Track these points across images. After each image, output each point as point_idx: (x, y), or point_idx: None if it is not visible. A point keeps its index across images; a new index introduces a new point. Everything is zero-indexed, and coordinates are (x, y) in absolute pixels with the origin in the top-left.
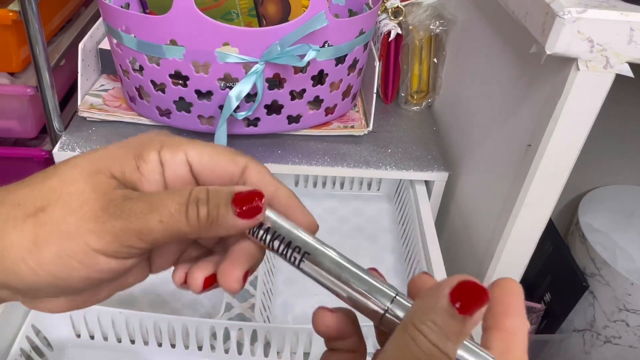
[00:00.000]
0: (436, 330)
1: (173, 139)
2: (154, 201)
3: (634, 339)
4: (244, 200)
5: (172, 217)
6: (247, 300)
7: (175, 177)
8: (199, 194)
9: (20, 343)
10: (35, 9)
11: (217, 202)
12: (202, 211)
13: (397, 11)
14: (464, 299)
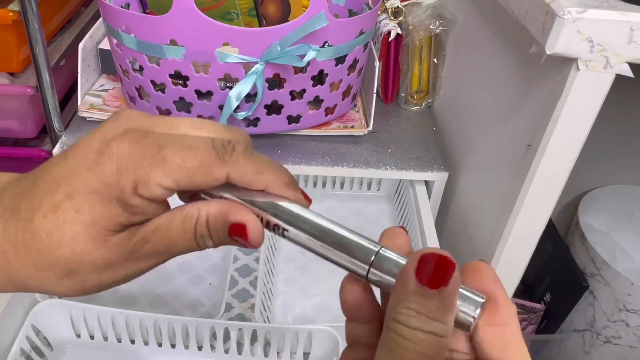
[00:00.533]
0: (413, 315)
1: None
2: (171, 239)
3: (634, 339)
4: (238, 234)
5: (188, 249)
6: (247, 300)
7: (165, 199)
8: (203, 230)
9: (20, 343)
10: (35, 9)
11: (218, 235)
12: (208, 242)
13: (397, 11)
14: (431, 273)
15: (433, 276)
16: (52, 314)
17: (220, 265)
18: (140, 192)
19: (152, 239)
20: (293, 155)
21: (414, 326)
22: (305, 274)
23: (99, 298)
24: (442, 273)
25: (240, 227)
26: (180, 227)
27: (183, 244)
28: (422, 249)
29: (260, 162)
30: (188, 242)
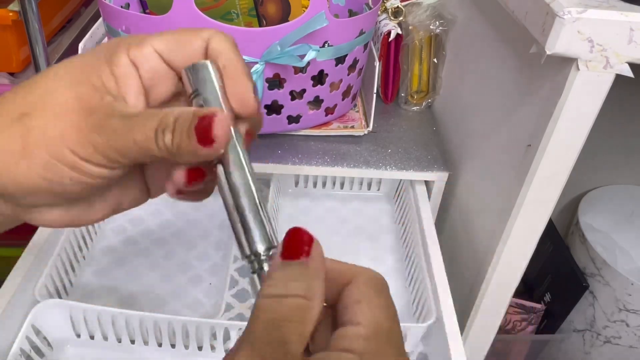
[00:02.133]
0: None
1: (137, 37)
2: (131, 123)
3: (634, 339)
4: (203, 129)
5: (144, 140)
6: (247, 300)
7: (150, 72)
8: (168, 120)
9: (20, 343)
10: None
11: (181, 129)
12: (167, 137)
13: (397, 11)
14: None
15: (292, 248)
16: (52, 314)
17: (220, 265)
18: (132, 52)
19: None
20: (293, 155)
21: (266, 294)
22: None
23: (99, 298)
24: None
25: (210, 118)
26: (148, 114)
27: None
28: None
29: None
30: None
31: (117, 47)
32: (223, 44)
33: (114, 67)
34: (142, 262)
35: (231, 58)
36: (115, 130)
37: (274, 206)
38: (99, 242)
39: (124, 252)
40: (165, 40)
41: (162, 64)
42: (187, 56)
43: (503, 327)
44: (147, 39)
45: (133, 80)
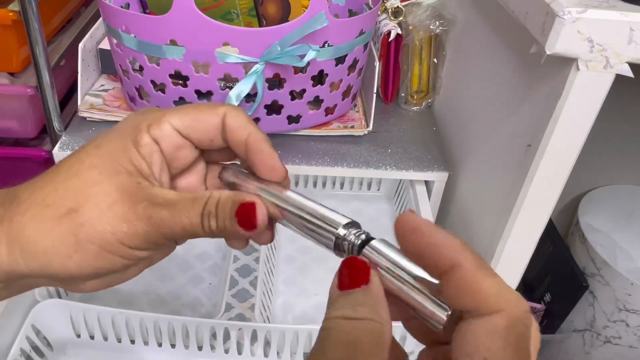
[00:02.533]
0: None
1: (155, 114)
2: (177, 210)
3: (634, 339)
4: (244, 214)
5: (191, 226)
6: (247, 300)
7: (170, 147)
8: (211, 207)
9: (20, 343)
10: (35, 9)
11: (224, 216)
12: (212, 223)
13: (397, 11)
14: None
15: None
16: (52, 314)
17: (220, 265)
18: (152, 130)
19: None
20: (293, 155)
21: (336, 315)
22: (305, 274)
23: (99, 298)
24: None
25: (249, 206)
26: (189, 202)
27: (188, 218)
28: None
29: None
30: (194, 217)
31: (140, 127)
32: (239, 119)
33: (140, 148)
34: None
35: (252, 131)
36: (162, 219)
37: None
38: None
39: None
40: (183, 117)
41: (181, 138)
42: (204, 132)
43: None
44: (165, 116)
45: (157, 156)
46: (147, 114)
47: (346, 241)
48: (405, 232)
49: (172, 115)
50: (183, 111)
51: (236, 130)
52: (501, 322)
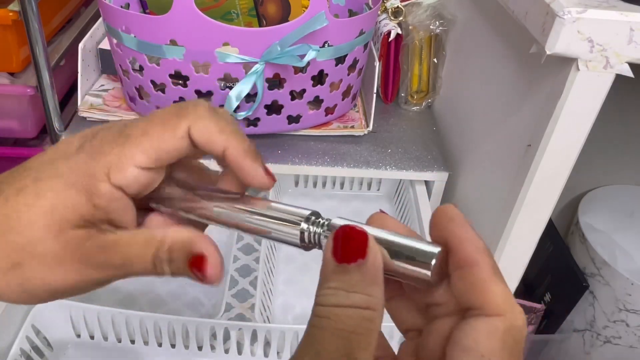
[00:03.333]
0: (332, 293)
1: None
2: (128, 255)
3: (634, 339)
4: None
5: (145, 271)
6: (247, 300)
7: (136, 189)
8: (163, 254)
9: (20, 343)
10: (35, 9)
11: (177, 265)
12: (166, 269)
13: (397, 11)
14: (347, 248)
15: (347, 250)
16: (52, 314)
17: None
18: (114, 178)
19: (110, 249)
20: (293, 155)
21: (331, 303)
22: (305, 274)
23: (99, 298)
24: (358, 245)
25: (200, 259)
26: (141, 246)
27: (140, 263)
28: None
29: (223, 122)
30: (145, 263)
31: (95, 175)
32: (207, 132)
33: (96, 200)
34: None
35: (227, 145)
36: (114, 264)
37: None
38: None
39: None
40: (147, 150)
41: (148, 173)
42: (173, 158)
43: None
44: (125, 155)
45: (118, 204)
46: (101, 152)
47: (309, 232)
48: (443, 219)
49: (134, 150)
50: (144, 141)
51: (208, 146)
52: (502, 325)
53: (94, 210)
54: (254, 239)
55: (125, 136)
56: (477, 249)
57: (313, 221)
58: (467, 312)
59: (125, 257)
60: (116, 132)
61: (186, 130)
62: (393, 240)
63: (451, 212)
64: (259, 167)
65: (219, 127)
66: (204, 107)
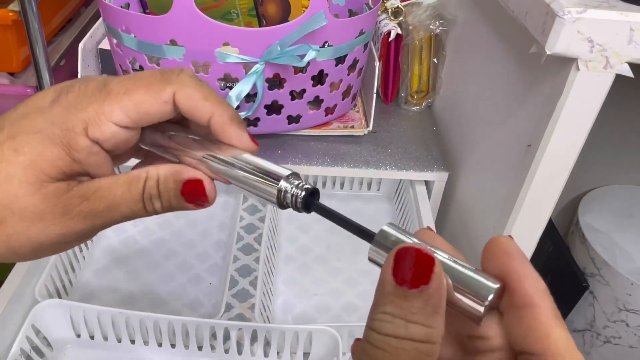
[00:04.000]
0: (389, 320)
1: (90, 109)
2: (113, 199)
3: (634, 339)
4: (190, 192)
5: (133, 212)
6: (247, 300)
7: (114, 145)
8: (152, 190)
9: (20, 343)
10: (35, 9)
11: (168, 196)
12: (157, 204)
13: (397, 11)
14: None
15: (412, 274)
16: (52, 314)
17: (220, 265)
18: (92, 133)
19: (92, 197)
20: (293, 155)
21: (387, 332)
22: (305, 274)
23: (99, 298)
24: (422, 270)
25: (195, 183)
26: (126, 188)
27: (128, 205)
28: (395, 248)
29: (207, 90)
30: (134, 203)
31: (73, 128)
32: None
33: (74, 154)
34: (142, 262)
35: (213, 112)
36: (99, 212)
37: (274, 206)
38: (99, 242)
39: (124, 252)
40: (127, 109)
41: (128, 132)
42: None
43: None
44: (104, 111)
45: (97, 158)
46: (79, 106)
47: (288, 193)
48: (500, 253)
49: (113, 107)
50: (124, 99)
51: (191, 113)
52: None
53: (72, 164)
54: (254, 239)
55: (107, 92)
56: (538, 290)
57: (291, 182)
58: (522, 356)
59: (109, 200)
60: (96, 87)
61: (171, 95)
62: (454, 267)
63: (509, 245)
64: (244, 132)
65: (204, 94)
66: (188, 75)
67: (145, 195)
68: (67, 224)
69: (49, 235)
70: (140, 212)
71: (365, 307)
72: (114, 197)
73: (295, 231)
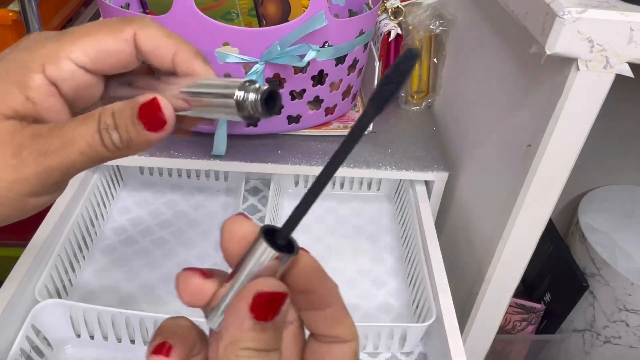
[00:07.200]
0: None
1: (48, 46)
2: (67, 134)
3: (634, 339)
4: (148, 114)
5: (90, 147)
6: None
7: (75, 88)
8: (107, 119)
9: (20, 343)
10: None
11: (125, 123)
12: (114, 136)
13: (397, 11)
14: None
15: (267, 308)
16: (52, 314)
17: (220, 265)
18: (49, 70)
19: (45, 134)
20: (293, 155)
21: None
22: None
23: (99, 298)
24: (275, 303)
25: (151, 103)
26: (81, 121)
27: (83, 138)
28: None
29: (168, 30)
30: (90, 136)
31: (29, 65)
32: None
33: (29, 91)
34: (142, 262)
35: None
36: (52, 149)
37: (274, 206)
38: (99, 242)
39: (124, 252)
40: (86, 48)
41: (86, 75)
42: (114, 62)
43: (503, 327)
44: (63, 49)
45: (53, 99)
46: (37, 47)
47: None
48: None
49: (72, 46)
50: (84, 39)
51: (155, 53)
52: (356, 347)
53: (26, 104)
54: None
55: (64, 34)
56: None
57: (247, 87)
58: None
59: (63, 136)
60: (54, 33)
61: (132, 34)
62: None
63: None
64: (210, 69)
65: (165, 33)
66: (149, 19)
67: (102, 126)
68: (18, 167)
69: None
70: (97, 146)
71: (365, 307)
72: (68, 130)
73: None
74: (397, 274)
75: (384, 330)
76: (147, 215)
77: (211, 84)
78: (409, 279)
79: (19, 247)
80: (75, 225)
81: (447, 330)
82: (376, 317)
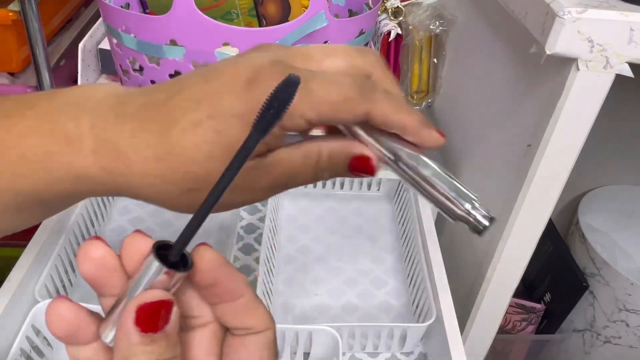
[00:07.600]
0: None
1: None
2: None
3: (634, 339)
4: (358, 167)
5: (305, 181)
6: None
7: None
8: (323, 164)
9: (20, 343)
10: (35, 9)
11: (337, 168)
12: (325, 175)
13: (397, 11)
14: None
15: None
16: None
17: None
18: (284, 122)
19: (274, 171)
20: None
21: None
22: (305, 274)
23: None
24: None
25: (364, 159)
26: (302, 162)
27: (303, 177)
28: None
29: (397, 101)
30: (308, 175)
31: None
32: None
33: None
34: None
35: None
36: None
37: (274, 206)
38: None
39: None
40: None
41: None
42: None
43: (503, 327)
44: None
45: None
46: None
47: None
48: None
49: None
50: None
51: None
52: (272, 335)
53: (261, 147)
54: (254, 239)
55: (308, 91)
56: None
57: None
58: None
59: (289, 174)
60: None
61: (364, 113)
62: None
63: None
64: (433, 131)
65: (394, 107)
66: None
67: (318, 169)
68: (249, 195)
69: (231, 201)
70: (309, 181)
71: (365, 307)
72: (293, 170)
73: (295, 231)
74: (397, 274)
75: (383, 330)
76: (147, 215)
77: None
78: (409, 279)
79: (19, 247)
80: (75, 225)
81: (447, 330)
82: (376, 317)
